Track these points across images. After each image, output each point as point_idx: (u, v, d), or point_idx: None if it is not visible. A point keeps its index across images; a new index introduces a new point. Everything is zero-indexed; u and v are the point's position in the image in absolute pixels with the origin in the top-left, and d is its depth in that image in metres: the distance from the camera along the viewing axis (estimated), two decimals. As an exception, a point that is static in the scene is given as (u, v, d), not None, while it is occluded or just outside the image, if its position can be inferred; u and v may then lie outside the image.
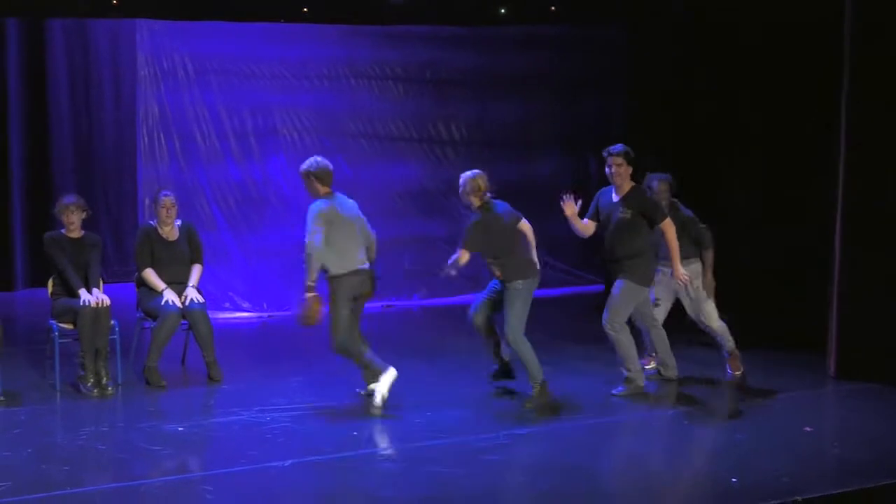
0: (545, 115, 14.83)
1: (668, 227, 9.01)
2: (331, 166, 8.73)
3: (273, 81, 13.45)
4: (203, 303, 9.62)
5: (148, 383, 9.36)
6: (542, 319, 12.38)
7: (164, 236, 9.77)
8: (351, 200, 8.87)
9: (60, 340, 9.28)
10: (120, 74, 14.56)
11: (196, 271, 9.79)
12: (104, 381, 9.15)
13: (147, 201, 12.17)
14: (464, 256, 8.57)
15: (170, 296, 9.47)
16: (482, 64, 14.42)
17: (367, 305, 12.69)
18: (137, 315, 9.83)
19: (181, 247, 9.81)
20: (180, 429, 8.08)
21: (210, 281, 11.25)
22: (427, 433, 7.99)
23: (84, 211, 9.52)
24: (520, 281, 8.75)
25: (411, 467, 7.27)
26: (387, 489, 6.89)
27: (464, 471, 7.17)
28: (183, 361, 10.19)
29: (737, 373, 9.63)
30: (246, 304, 12.91)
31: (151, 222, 9.84)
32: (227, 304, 12.82)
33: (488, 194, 8.83)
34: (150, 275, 9.64)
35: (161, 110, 12.97)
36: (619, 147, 9.02)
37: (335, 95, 13.84)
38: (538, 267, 8.93)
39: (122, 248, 14.49)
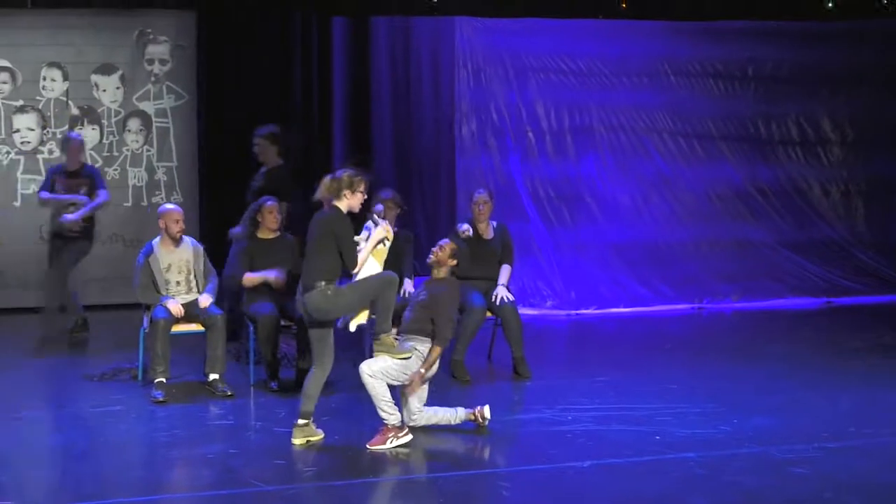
0: (874, 112, 14.13)
1: None
2: None
3: (590, 79, 13.39)
4: (513, 300, 9.64)
5: (453, 377, 9.44)
6: (869, 327, 11.91)
7: (479, 233, 9.86)
8: None
9: (370, 331, 9.46)
10: (439, 71, 14.76)
11: (505, 272, 9.86)
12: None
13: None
14: None
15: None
16: (806, 60, 13.88)
17: (679, 307, 12.54)
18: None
19: (493, 245, 9.89)
20: (482, 423, 8.07)
21: (519, 274, 11.27)
22: (733, 441, 7.69)
23: (399, 207, 9.72)
24: None
25: (714, 475, 7.01)
26: (688, 497, 6.66)
27: (768, 483, 6.86)
28: (489, 357, 10.24)
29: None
30: (550, 303, 12.80)
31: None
32: (533, 300, 12.78)
33: None
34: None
35: (479, 106, 13.13)
36: (263, 129, 10.51)
37: (653, 93, 13.65)
38: None
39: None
